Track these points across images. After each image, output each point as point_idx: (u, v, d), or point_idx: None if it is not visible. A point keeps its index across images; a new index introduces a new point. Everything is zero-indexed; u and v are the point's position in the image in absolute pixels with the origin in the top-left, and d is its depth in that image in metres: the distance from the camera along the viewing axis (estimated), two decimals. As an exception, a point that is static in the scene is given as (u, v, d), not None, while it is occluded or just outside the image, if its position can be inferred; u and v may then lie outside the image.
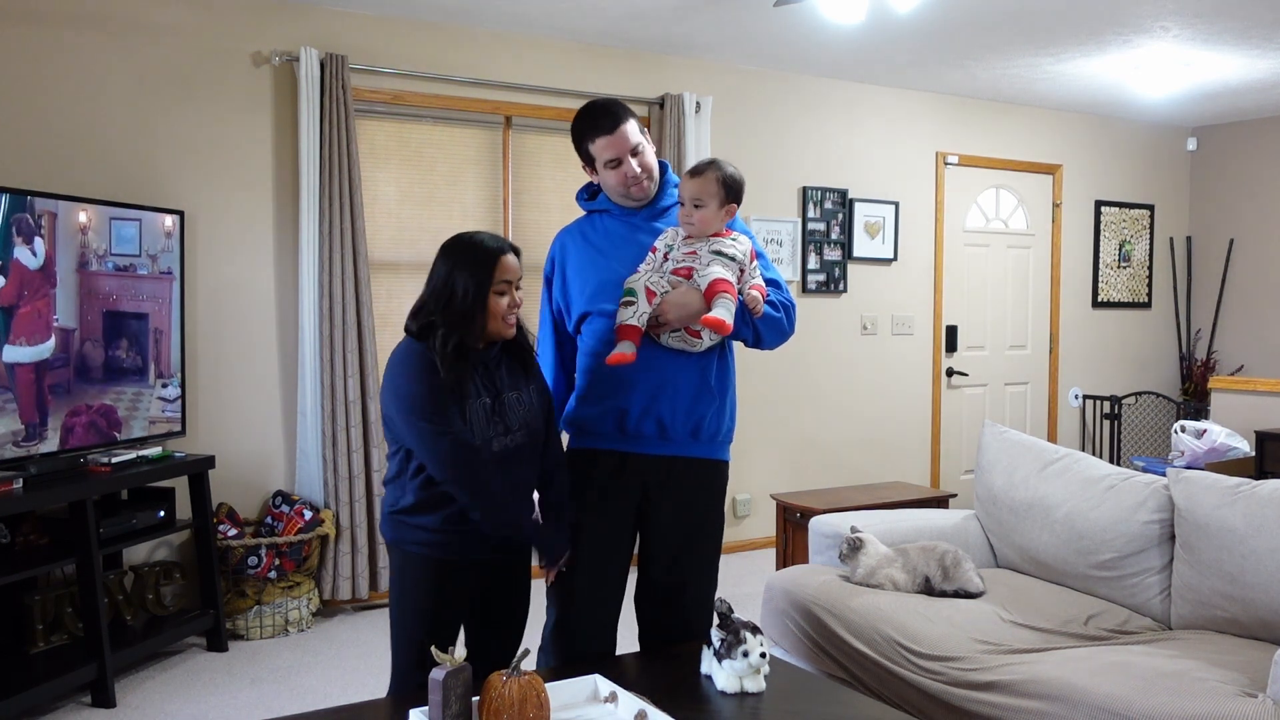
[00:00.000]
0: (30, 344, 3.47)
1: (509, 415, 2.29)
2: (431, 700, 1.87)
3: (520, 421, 2.31)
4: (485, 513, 2.22)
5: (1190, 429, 5.02)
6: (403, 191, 4.87)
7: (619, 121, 2.42)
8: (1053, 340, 6.99)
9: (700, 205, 2.40)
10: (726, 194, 2.42)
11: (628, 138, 2.42)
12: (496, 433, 2.26)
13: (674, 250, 2.42)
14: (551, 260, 2.61)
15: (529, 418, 2.33)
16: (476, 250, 2.25)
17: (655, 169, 2.51)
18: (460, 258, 2.24)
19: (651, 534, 2.52)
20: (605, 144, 2.43)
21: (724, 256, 2.40)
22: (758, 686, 2.18)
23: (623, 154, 2.43)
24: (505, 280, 2.24)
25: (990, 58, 5.55)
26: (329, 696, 3.65)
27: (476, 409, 2.23)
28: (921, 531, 3.43)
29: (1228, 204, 7.34)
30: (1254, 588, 2.72)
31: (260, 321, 4.56)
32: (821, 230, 5.98)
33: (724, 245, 2.42)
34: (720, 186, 2.41)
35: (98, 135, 4.19)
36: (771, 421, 5.88)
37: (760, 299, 2.42)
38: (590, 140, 2.45)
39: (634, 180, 2.45)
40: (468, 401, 2.22)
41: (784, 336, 2.55)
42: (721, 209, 2.43)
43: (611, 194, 2.52)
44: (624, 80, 5.32)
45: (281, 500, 4.49)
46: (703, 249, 2.41)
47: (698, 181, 2.40)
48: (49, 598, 3.75)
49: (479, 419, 2.23)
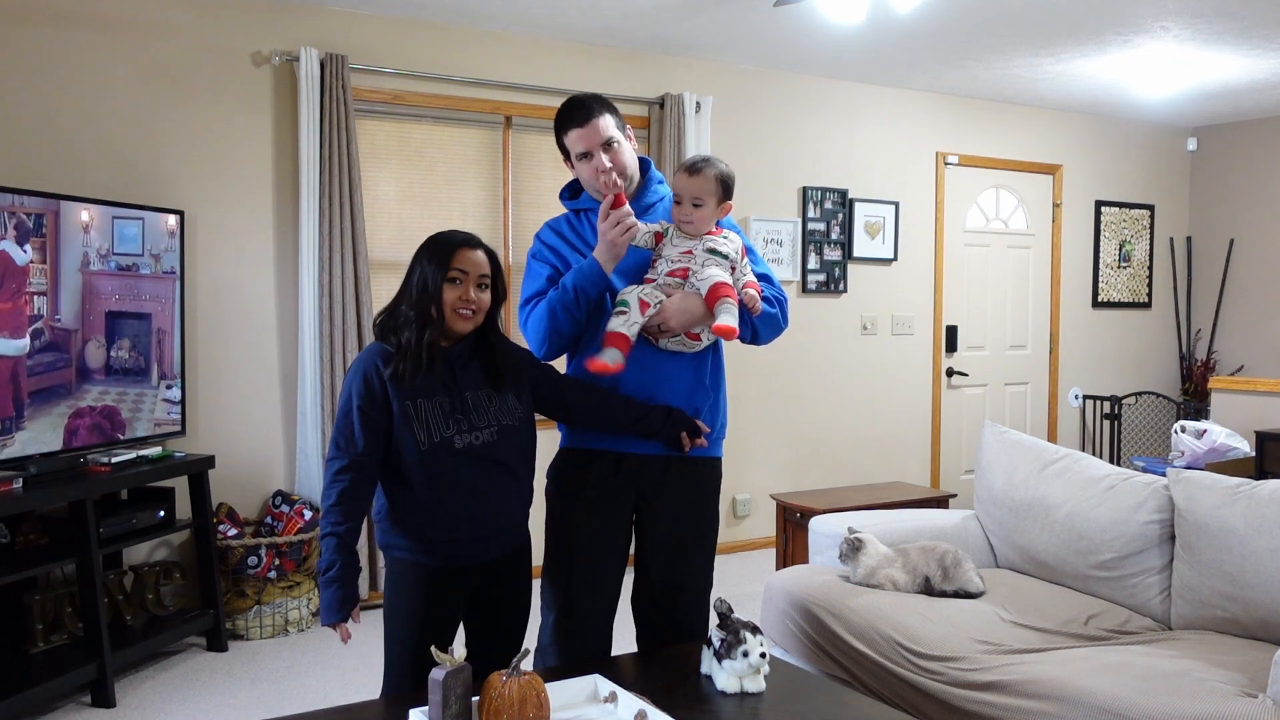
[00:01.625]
0: (6, 337, 3.43)
1: (473, 414, 2.25)
2: (431, 700, 1.87)
3: (489, 419, 2.27)
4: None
5: (1190, 429, 5.02)
6: (403, 191, 4.87)
7: (591, 115, 2.42)
8: (1053, 340, 6.99)
9: (700, 204, 2.40)
10: (724, 192, 2.42)
11: (599, 131, 2.42)
12: (459, 430, 2.22)
13: (667, 248, 2.42)
14: (541, 241, 2.56)
15: (501, 415, 2.29)
16: (440, 242, 2.27)
17: (630, 167, 2.49)
18: (425, 251, 2.27)
19: (648, 534, 2.52)
20: (577, 136, 2.43)
21: (719, 255, 2.41)
22: (758, 686, 2.18)
23: (593, 147, 2.42)
24: (459, 269, 2.23)
25: (990, 58, 5.55)
26: (329, 696, 3.65)
27: (432, 408, 2.21)
28: (921, 531, 3.43)
29: (1228, 204, 7.34)
30: (1254, 588, 2.72)
31: (260, 321, 4.56)
32: (821, 230, 5.98)
33: (718, 244, 2.42)
34: (719, 185, 2.41)
35: (98, 135, 4.19)
36: (771, 421, 5.88)
37: (758, 298, 2.43)
38: (565, 133, 2.46)
39: (605, 176, 2.43)
40: (420, 399, 2.20)
41: (779, 331, 2.56)
42: (719, 207, 2.43)
43: (588, 188, 2.52)
44: (624, 80, 5.32)
45: (281, 500, 4.49)
46: (697, 248, 2.41)
47: (698, 180, 2.39)
48: (49, 598, 3.75)
49: (435, 417, 2.21)
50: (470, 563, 2.30)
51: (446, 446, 2.21)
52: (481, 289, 2.27)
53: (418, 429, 2.20)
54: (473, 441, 2.24)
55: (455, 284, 2.23)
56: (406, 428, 2.20)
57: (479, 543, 2.30)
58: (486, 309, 2.29)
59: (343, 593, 2.19)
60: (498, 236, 5.09)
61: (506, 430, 2.30)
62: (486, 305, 2.29)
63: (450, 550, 2.27)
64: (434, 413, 2.22)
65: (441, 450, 2.21)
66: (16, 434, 3.46)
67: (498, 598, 2.39)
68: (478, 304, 2.26)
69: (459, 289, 2.23)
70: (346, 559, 2.20)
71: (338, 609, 2.20)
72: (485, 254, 2.29)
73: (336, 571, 2.19)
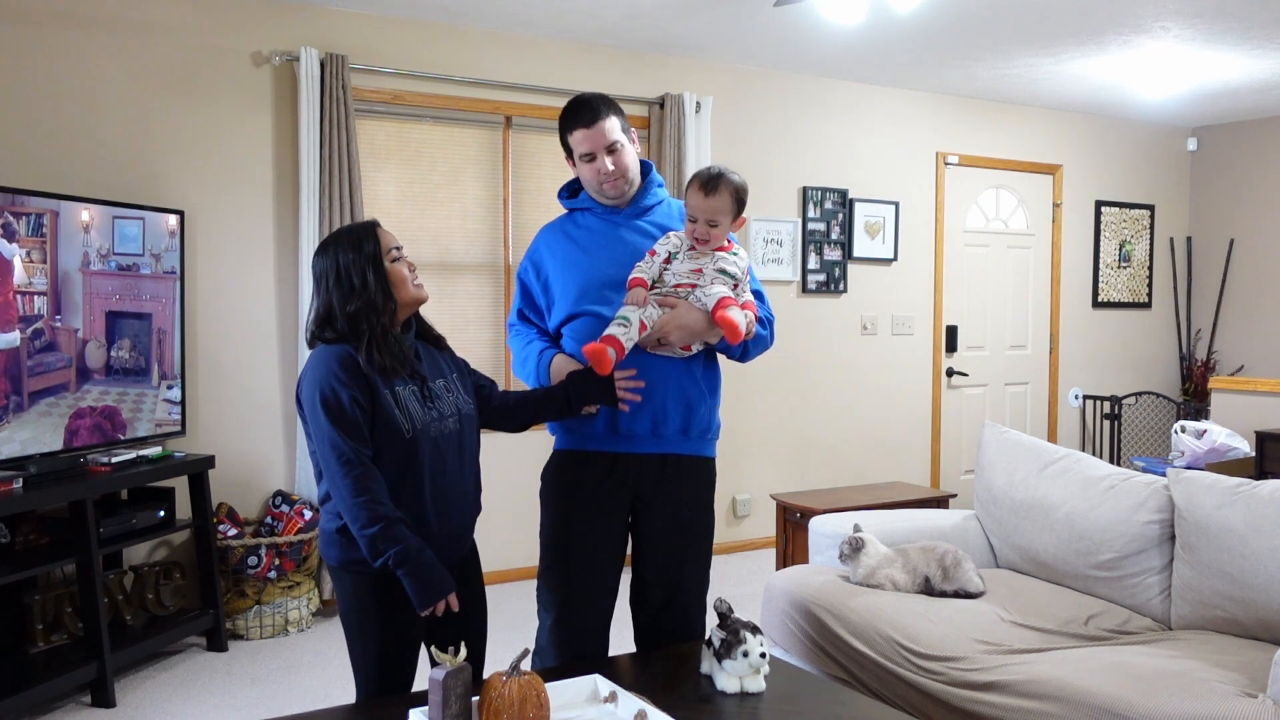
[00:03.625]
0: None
1: (440, 402, 2.25)
2: (431, 700, 1.87)
3: (452, 408, 2.28)
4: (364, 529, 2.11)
5: (1190, 429, 5.02)
6: (403, 191, 4.87)
7: (598, 117, 2.43)
8: (1053, 340, 6.99)
9: (715, 225, 2.38)
10: (738, 209, 2.41)
11: (605, 134, 2.43)
12: (432, 418, 2.21)
13: (676, 263, 2.41)
14: (530, 260, 2.59)
15: (459, 404, 2.30)
16: (349, 233, 2.24)
17: (632, 170, 2.49)
18: (337, 246, 2.21)
19: (644, 535, 2.52)
20: (582, 137, 2.44)
21: (727, 275, 2.41)
22: (758, 686, 2.18)
23: (597, 149, 2.43)
24: (394, 247, 2.24)
25: (990, 58, 5.55)
26: (329, 696, 3.65)
27: (408, 395, 2.19)
28: (921, 531, 3.43)
29: (1228, 204, 7.34)
30: (1254, 588, 2.72)
31: (260, 321, 4.56)
32: (821, 230, 5.98)
33: (727, 263, 2.42)
34: (734, 203, 2.39)
35: (98, 135, 4.19)
36: (772, 422, 5.88)
37: (754, 321, 2.44)
38: (570, 132, 2.47)
39: (606, 177, 2.45)
40: (397, 387, 2.17)
41: (765, 349, 2.58)
42: (733, 224, 2.43)
43: (589, 189, 2.53)
44: (624, 80, 5.32)
45: (281, 500, 4.49)
46: (708, 266, 2.40)
47: (714, 201, 2.36)
48: (49, 597, 3.75)
49: (412, 404, 2.18)
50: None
51: (425, 434, 2.19)
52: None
53: (400, 417, 2.16)
54: (443, 430, 2.24)
55: (398, 262, 2.24)
56: (390, 416, 2.14)
57: (446, 541, 2.24)
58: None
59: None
60: (498, 236, 5.10)
61: (467, 419, 2.31)
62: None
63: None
64: (410, 399, 2.19)
65: (422, 437, 2.18)
66: (16, 434, 3.46)
67: (460, 605, 2.23)
68: (416, 271, 2.29)
69: (404, 264, 2.25)
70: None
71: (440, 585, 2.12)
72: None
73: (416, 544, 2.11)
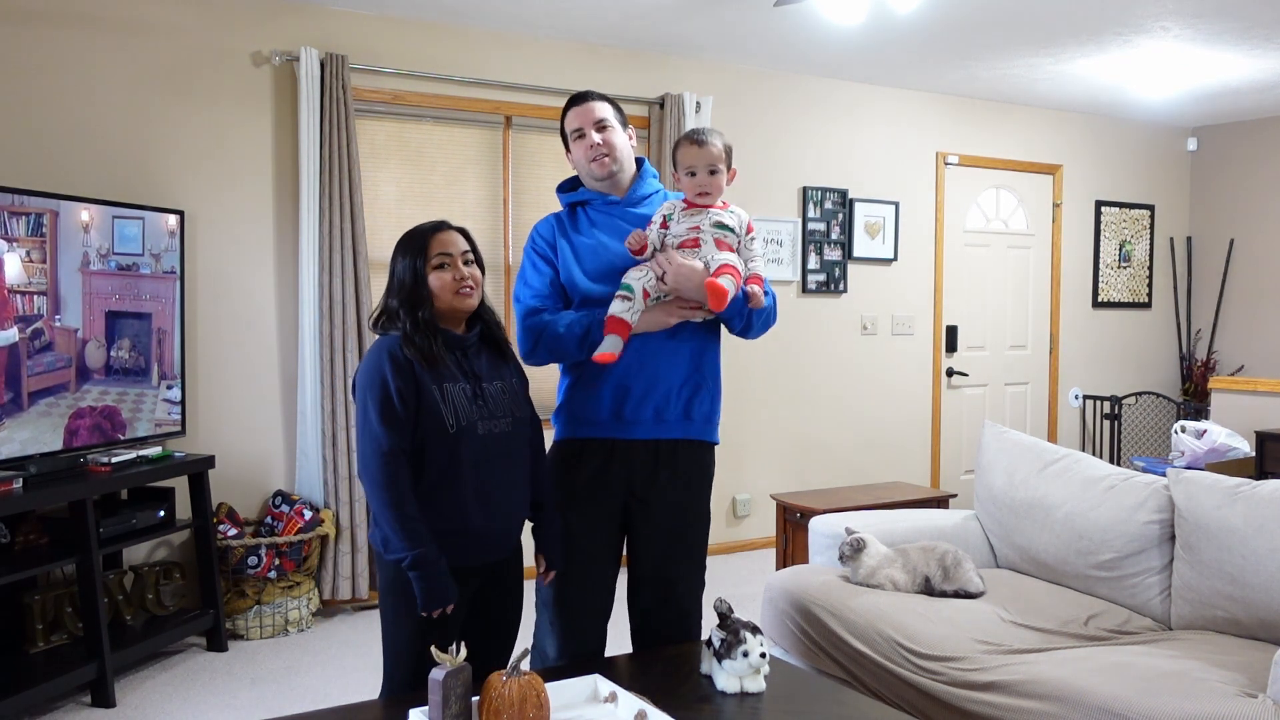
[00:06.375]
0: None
1: (492, 403, 2.30)
2: (431, 700, 1.87)
3: (505, 409, 2.32)
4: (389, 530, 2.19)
5: (1190, 429, 5.02)
6: (403, 191, 4.87)
7: (589, 98, 2.54)
8: (1053, 340, 6.99)
9: (716, 171, 2.46)
10: (729, 159, 2.50)
11: (593, 111, 2.52)
12: (481, 416, 2.26)
13: (673, 224, 2.45)
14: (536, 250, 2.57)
15: (514, 406, 2.35)
16: (412, 235, 2.32)
17: (622, 152, 2.54)
18: (400, 248, 2.31)
19: (639, 528, 2.52)
20: (572, 115, 2.54)
21: (726, 229, 2.45)
22: (758, 686, 2.18)
23: (586, 125, 2.51)
24: (442, 254, 2.28)
25: (990, 58, 5.55)
26: (329, 696, 3.65)
27: (457, 392, 2.24)
28: (921, 531, 3.43)
29: (1228, 204, 7.34)
30: (1254, 588, 2.72)
31: (260, 321, 4.56)
32: (821, 230, 5.98)
33: (724, 217, 2.47)
34: (726, 152, 2.49)
35: (98, 135, 4.19)
36: (772, 421, 5.88)
37: (761, 294, 2.45)
38: (564, 116, 2.57)
39: (594, 152, 2.50)
40: (445, 384, 2.23)
41: (769, 326, 2.60)
42: (728, 173, 2.49)
43: (581, 173, 2.58)
44: (624, 80, 5.32)
45: (281, 500, 4.49)
46: (704, 222, 2.44)
47: (709, 150, 2.46)
48: (49, 597, 3.75)
49: (461, 401, 2.24)
50: (477, 561, 2.30)
51: (471, 431, 2.24)
52: (469, 265, 2.33)
53: (446, 412, 2.22)
54: (492, 429, 2.28)
55: (444, 269, 2.28)
56: (435, 410, 2.21)
57: (489, 539, 2.30)
58: (482, 282, 2.36)
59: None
60: (498, 236, 5.10)
61: (519, 422, 2.35)
62: (480, 278, 2.35)
63: (462, 545, 2.24)
64: (459, 397, 2.25)
65: (468, 434, 2.23)
66: (16, 434, 3.46)
67: (494, 600, 2.39)
68: (473, 279, 2.32)
69: (450, 271, 2.28)
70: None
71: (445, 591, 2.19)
72: (459, 232, 2.35)
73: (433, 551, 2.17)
